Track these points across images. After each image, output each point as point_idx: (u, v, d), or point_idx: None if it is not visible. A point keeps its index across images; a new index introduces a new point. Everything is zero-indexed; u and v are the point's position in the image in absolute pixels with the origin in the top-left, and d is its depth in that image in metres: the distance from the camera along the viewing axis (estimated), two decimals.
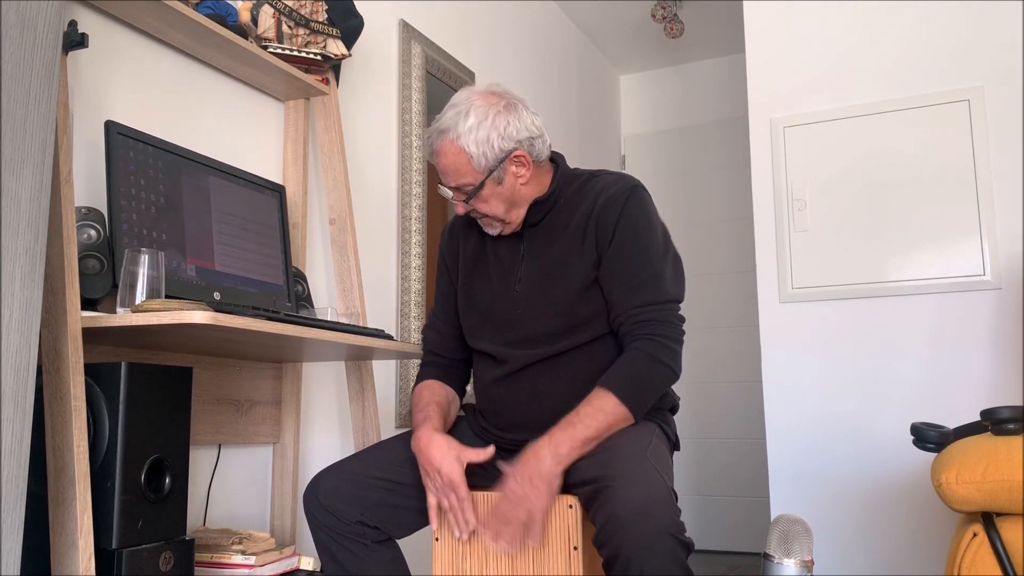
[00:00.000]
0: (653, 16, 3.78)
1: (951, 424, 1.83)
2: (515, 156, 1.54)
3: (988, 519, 1.51)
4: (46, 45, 1.18)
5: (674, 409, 1.65)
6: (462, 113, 1.52)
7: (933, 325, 2.41)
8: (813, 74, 2.67)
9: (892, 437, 2.37)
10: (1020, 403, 2.26)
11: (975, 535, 1.51)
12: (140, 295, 1.43)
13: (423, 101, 2.77)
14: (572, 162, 3.98)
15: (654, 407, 1.57)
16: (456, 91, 2.93)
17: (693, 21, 3.99)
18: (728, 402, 4.12)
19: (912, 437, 1.73)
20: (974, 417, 1.97)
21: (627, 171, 4.51)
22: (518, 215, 1.59)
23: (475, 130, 1.51)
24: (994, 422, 1.59)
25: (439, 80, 2.90)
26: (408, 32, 2.74)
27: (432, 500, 1.49)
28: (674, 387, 1.63)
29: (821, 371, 2.53)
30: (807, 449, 2.51)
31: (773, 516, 2.40)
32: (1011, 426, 1.57)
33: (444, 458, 1.47)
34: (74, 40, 1.43)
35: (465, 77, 3.05)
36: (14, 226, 1.12)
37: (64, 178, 1.40)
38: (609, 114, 4.50)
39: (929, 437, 1.69)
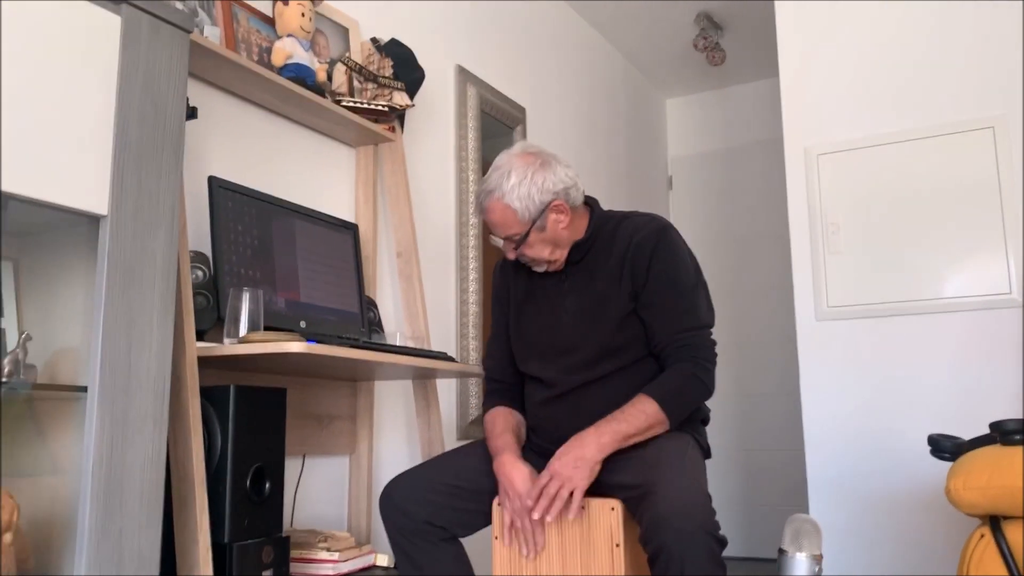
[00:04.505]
0: (695, 46, 3.96)
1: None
2: (554, 206, 1.76)
3: (995, 522, 1.66)
4: (173, 128, 1.44)
5: (705, 420, 1.85)
6: (505, 174, 1.75)
7: (961, 341, 2.54)
8: (844, 103, 2.83)
9: (922, 448, 2.50)
10: None
11: (982, 536, 1.66)
12: (243, 328, 1.69)
13: (478, 139, 3.01)
14: (621, 184, 4.21)
15: (688, 419, 1.77)
16: (508, 126, 3.19)
17: (734, 47, 4.15)
18: (770, 414, 4.25)
19: (929, 448, 1.89)
20: None
21: (674, 191, 4.72)
22: (561, 254, 1.81)
23: (517, 187, 1.73)
24: (1002, 433, 1.75)
25: (493, 117, 3.13)
26: (464, 76, 2.98)
27: (507, 519, 1.70)
28: (717, 399, 1.83)
29: (856, 385, 2.68)
30: (843, 459, 2.66)
31: None
32: (1017, 437, 1.72)
33: (525, 486, 1.67)
34: (187, 113, 1.69)
35: (516, 113, 3.28)
36: (151, 279, 1.37)
37: (180, 230, 1.66)
38: (656, 137, 4.69)
39: (944, 447, 1.85)
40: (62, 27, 1.30)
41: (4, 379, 1.29)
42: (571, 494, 1.60)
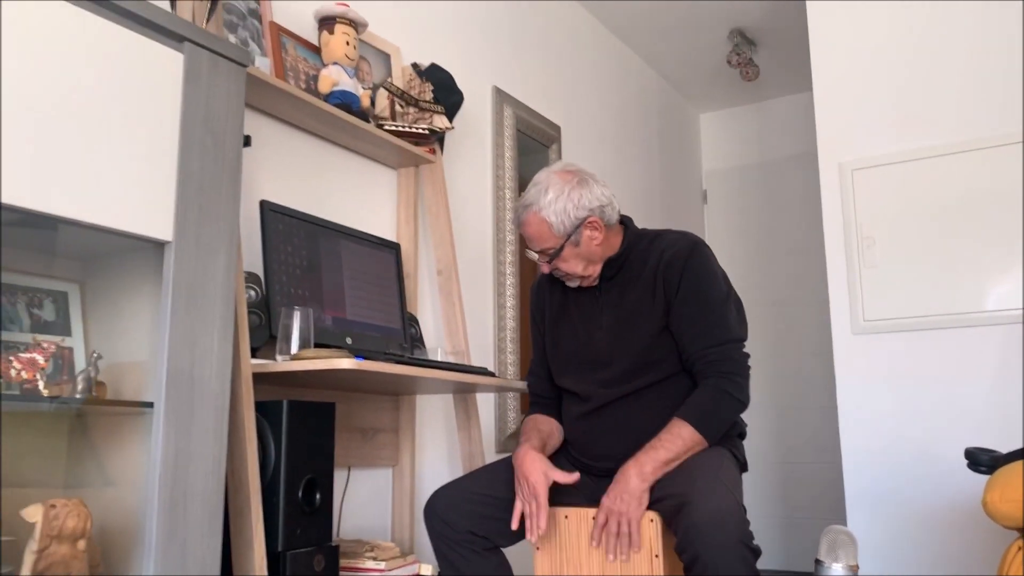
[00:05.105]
0: (729, 62, 3.99)
1: None
2: (589, 222, 1.82)
3: None
4: (231, 157, 1.52)
5: (742, 435, 1.89)
6: (542, 190, 1.81)
7: (998, 354, 2.54)
8: (879, 119, 2.85)
9: (959, 461, 2.51)
10: None
11: (1020, 549, 1.68)
12: (295, 345, 1.76)
13: (515, 158, 3.08)
14: (656, 199, 4.26)
15: (725, 434, 1.81)
16: (543, 144, 3.25)
17: (768, 62, 4.18)
18: (807, 427, 4.25)
19: (966, 461, 1.91)
20: None
21: (709, 205, 4.74)
22: (595, 270, 1.87)
23: (554, 203, 1.79)
24: None
25: (528, 136, 3.20)
26: (500, 97, 3.05)
27: (518, 504, 1.76)
28: (756, 412, 1.87)
29: (893, 398, 2.69)
30: (881, 472, 2.67)
31: None
32: None
33: (533, 471, 1.74)
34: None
35: (551, 131, 3.35)
36: (212, 300, 1.46)
37: (236, 253, 1.74)
38: (690, 151, 4.73)
39: (981, 460, 1.87)
40: (130, 64, 1.39)
41: (77, 395, 1.37)
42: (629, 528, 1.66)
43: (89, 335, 1.58)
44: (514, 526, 1.76)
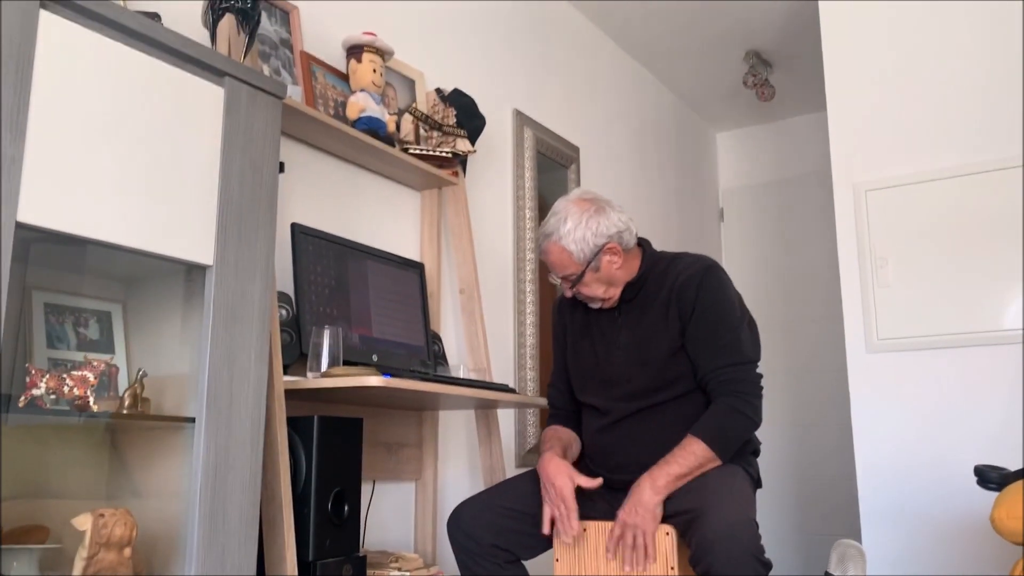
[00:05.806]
0: (745, 83, 4.06)
1: None
2: (608, 248, 1.89)
3: None
4: (268, 184, 1.61)
5: (756, 452, 1.94)
6: (562, 219, 1.89)
7: (1012, 373, 2.58)
8: (893, 139, 2.90)
9: (972, 478, 2.54)
10: None
11: None
12: (325, 363, 1.84)
13: (535, 178, 3.16)
14: (673, 217, 4.31)
15: (739, 451, 1.86)
16: (562, 165, 3.33)
17: (784, 83, 4.24)
18: (822, 443, 4.27)
19: (976, 478, 1.95)
20: None
21: (725, 223, 4.80)
22: (615, 292, 1.94)
23: (573, 231, 1.87)
24: None
25: (547, 157, 3.28)
26: (520, 119, 3.14)
27: (546, 509, 1.82)
28: (771, 430, 1.93)
29: (907, 416, 2.73)
30: (895, 488, 2.70)
31: (867, 557, 2.60)
32: None
33: (558, 475, 1.81)
34: None
35: (570, 152, 3.43)
36: (250, 320, 1.53)
37: (272, 275, 1.82)
38: (707, 170, 4.79)
39: (990, 477, 1.91)
40: (174, 98, 1.48)
41: (124, 411, 1.45)
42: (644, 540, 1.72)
43: (131, 352, 1.66)
44: (545, 530, 1.83)
